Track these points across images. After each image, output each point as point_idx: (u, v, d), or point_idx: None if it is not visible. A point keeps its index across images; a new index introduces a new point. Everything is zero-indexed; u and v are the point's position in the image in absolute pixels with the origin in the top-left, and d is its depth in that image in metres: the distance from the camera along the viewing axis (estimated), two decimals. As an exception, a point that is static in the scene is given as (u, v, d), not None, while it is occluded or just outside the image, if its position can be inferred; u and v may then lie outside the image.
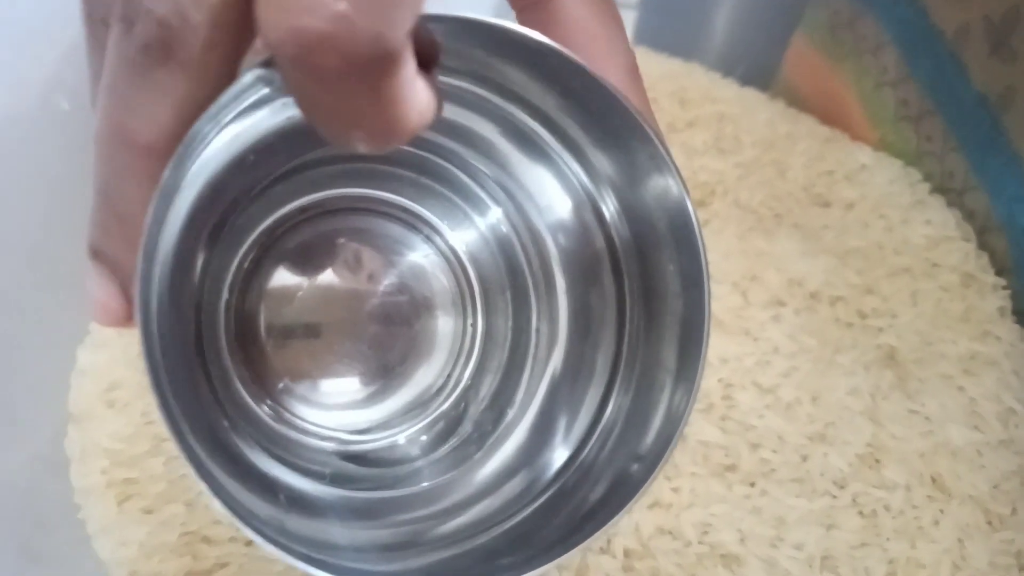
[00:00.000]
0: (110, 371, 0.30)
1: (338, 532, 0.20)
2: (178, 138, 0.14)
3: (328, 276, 0.23)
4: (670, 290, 0.19)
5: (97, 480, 0.27)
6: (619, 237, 0.21)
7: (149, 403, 0.29)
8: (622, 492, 0.18)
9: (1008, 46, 0.33)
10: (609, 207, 0.21)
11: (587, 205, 0.21)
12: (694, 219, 0.18)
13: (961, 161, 0.36)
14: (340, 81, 0.12)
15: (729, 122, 0.41)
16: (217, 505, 0.15)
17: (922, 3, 0.36)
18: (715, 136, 0.40)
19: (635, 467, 0.19)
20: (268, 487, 0.20)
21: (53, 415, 0.28)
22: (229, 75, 0.15)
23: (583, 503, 0.19)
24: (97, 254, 0.16)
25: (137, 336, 0.30)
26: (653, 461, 0.18)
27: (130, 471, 0.27)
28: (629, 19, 0.45)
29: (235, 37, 0.14)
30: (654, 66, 0.44)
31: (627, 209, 0.20)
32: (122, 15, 0.14)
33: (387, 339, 0.23)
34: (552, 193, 0.21)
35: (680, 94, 0.42)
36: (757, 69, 0.44)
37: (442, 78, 0.18)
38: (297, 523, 0.19)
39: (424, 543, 0.20)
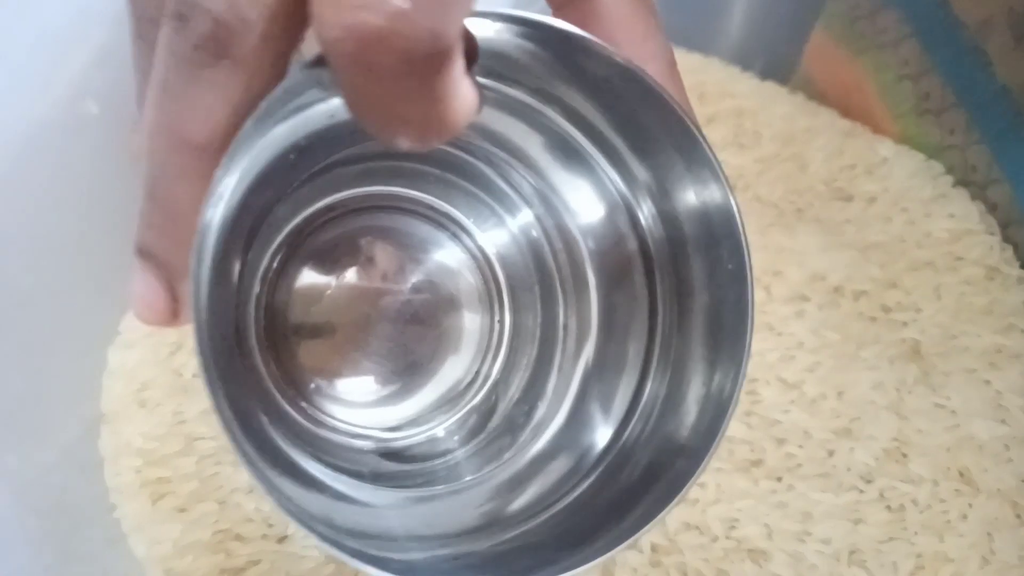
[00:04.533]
0: (140, 371, 0.30)
1: (394, 522, 0.20)
2: (230, 137, 0.14)
3: (355, 274, 0.23)
4: (703, 286, 0.19)
5: (131, 479, 0.27)
6: (653, 240, 0.21)
7: (180, 403, 0.29)
8: (665, 481, 0.18)
9: (1032, 37, 0.33)
10: (644, 213, 0.21)
11: (622, 211, 0.21)
12: (737, 214, 0.18)
13: (984, 154, 0.36)
14: (394, 78, 0.12)
15: (748, 116, 0.41)
16: (271, 504, 0.15)
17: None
18: (734, 131, 0.40)
19: (679, 461, 0.19)
20: (312, 483, 0.20)
21: (86, 415, 0.29)
22: (281, 71, 0.15)
23: (626, 487, 0.20)
24: (145, 253, 0.16)
25: (167, 337, 0.30)
26: (696, 455, 0.18)
27: (163, 470, 0.28)
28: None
29: (288, 33, 0.14)
30: (672, 61, 0.43)
31: (662, 212, 0.20)
32: (175, 12, 0.14)
33: (414, 336, 0.23)
34: (587, 199, 0.21)
35: (699, 89, 0.42)
36: (776, 63, 0.43)
37: (483, 81, 0.18)
38: (348, 516, 0.19)
39: (479, 529, 0.20)
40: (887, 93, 0.40)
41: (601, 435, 0.21)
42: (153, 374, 0.30)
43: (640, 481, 0.19)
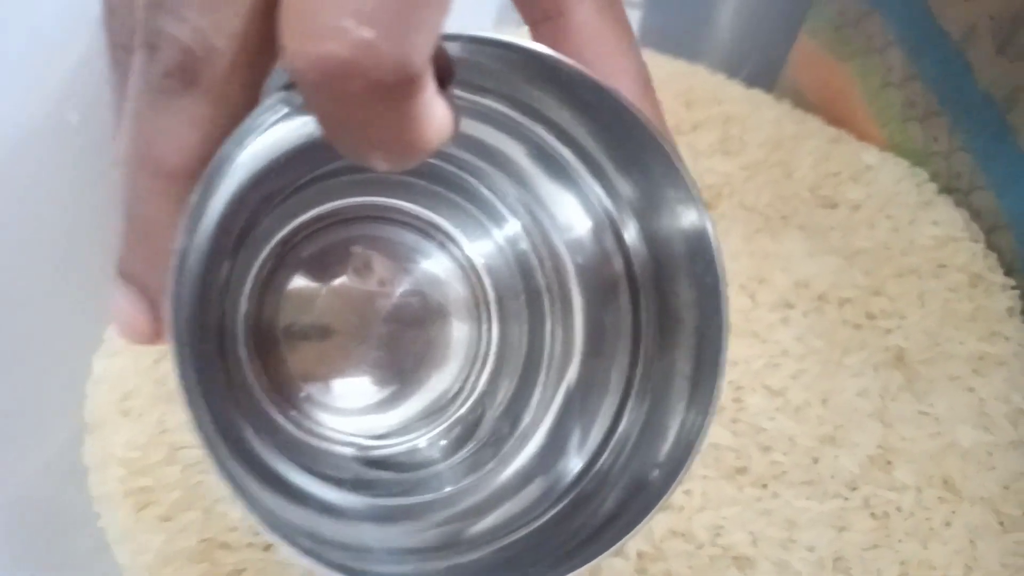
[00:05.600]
0: (124, 380, 0.30)
1: (371, 535, 0.20)
2: (204, 161, 0.15)
3: (343, 283, 0.23)
4: (686, 305, 0.19)
5: (115, 488, 0.27)
6: (637, 259, 0.21)
7: (164, 411, 0.29)
8: (641, 498, 0.18)
9: (1015, 45, 0.33)
10: (630, 231, 0.21)
11: (607, 228, 0.21)
12: (711, 236, 0.18)
13: (968, 161, 0.36)
14: (362, 104, 0.13)
15: (735, 123, 0.41)
16: (254, 519, 0.15)
17: (928, 3, 0.36)
18: (721, 137, 0.40)
19: (655, 474, 0.19)
20: (296, 495, 0.20)
21: (70, 424, 0.29)
22: (252, 97, 0.15)
23: (600, 509, 0.20)
24: (125, 275, 0.16)
25: (152, 348, 0.30)
26: (673, 468, 0.18)
27: (146, 479, 0.27)
28: (633, 19, 0.45)
29: (257, 61, 0.14)
30: (659, 67, 0.43)
31: (647, 231, 0.20)
32: (145, 41, 0.14)
33: (402, 345, 0.23)
34: (573, 214, 0.21)
35: (685, 95, 0.42)
36: (762, 69, 0.44)
37: (468, 95, 0.18)
38: (330, 528, 0.19)
39: (450, 546, 0.20)
40: (872, 100, 0.40)
41: (576, 461, 0.21)
42: (137, 383, 0.30)
43: (615, 505, 0.19)
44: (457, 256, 0.24)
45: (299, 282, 0.23)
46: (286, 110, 0.15)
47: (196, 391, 0.15)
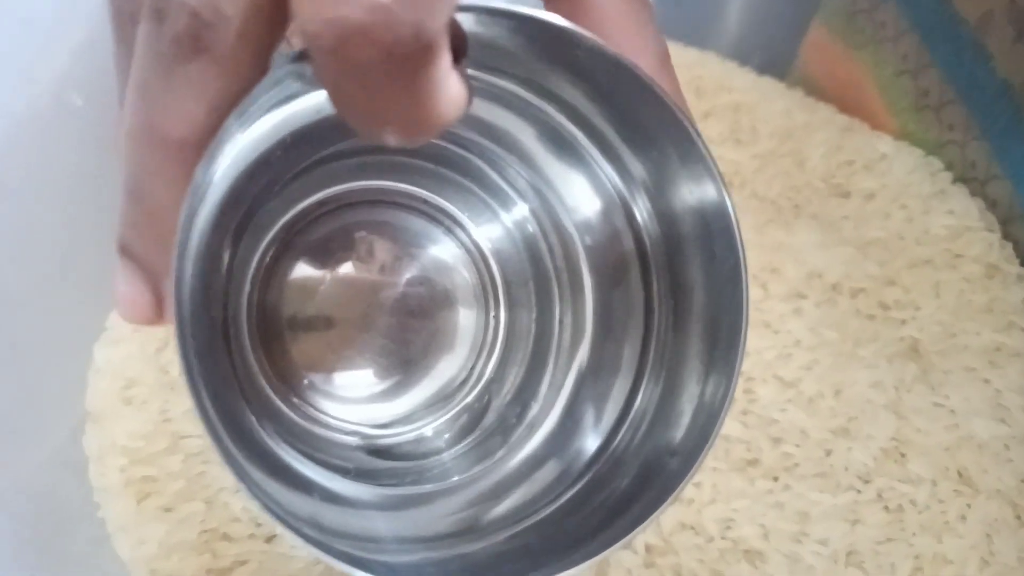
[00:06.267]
0: (126, 368, 0.29)
1: (379, 524, 0.20)
2: (211, 133, 0.14)
3: (348, 269, 0.23)
4: (700, 282, 0.19)
5: (116, 479, 0.27)
6: (649, 238, 0.20)
7: (166, 400, 0.29)
8: (657, 485, 0.18)
9: (1033, 32, 0.32)
10: (641, 210, 0.20)
11: (619, 207, 0.21)
12: (731, 212, 0.18)
13: (984, 150, 0.36)
14: (376, 73, 0.12)
15: (746, 112, 0.40)
16: (258, 508, 0.14)
17: (943, -11, 0.36)
18: (731, 127, 0.40)
19: (672, 461, 0.18)
20: (300, 483, 0.20)
21: (71, 413, 0.28)
22: (261, 68, 0.14)
23: (615, 493, 0.19)
24: (126, 252, 0.16)
25: (154, 333, 0.30)
26: (690, 455, 0.18)
27: (148, 469, 0.27)
28: (643, 8, 0.44)
29: (268, 29, 0.14)
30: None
31: (659, 209, 0.20)
32: (153, 9, 0.14)
33: (408, 332, 0.23)
34: (583, 194, 0.21)
35: (696, 84, 0.41)
36: (774, 58, 0.43)
37: (476, 73, 0.18)
38: (336, 517, 0.19)
39: (465, 533, 0.20)
40: (886, 89, 0.39)
41: (592, 440, 0.21)
42: (139, 371, 0.29)
43: (630, 487, 0.19)
44: (464, 241, 0.23)
45: (303, 268, 0.22)
46: (295, 84, 0.15)
47: (199, 376, 0.14)
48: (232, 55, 0.14)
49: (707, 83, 0.41)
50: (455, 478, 0.21)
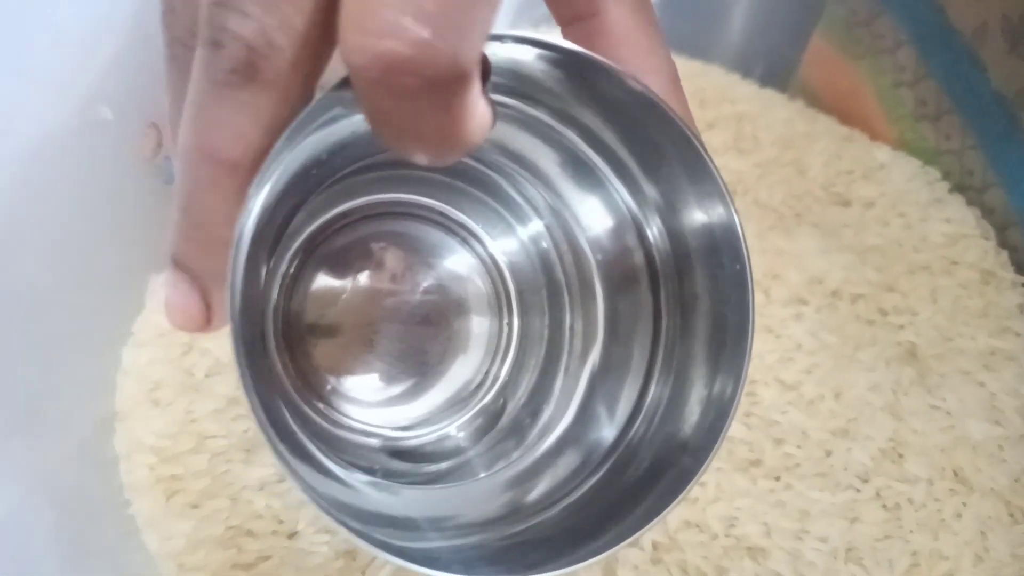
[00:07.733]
0: (152, 371, 0.30)
1: (417, 509, 0.21)
2: (262, 153, 0.15)
3: (367, 278, 0.24)
4: (707, 292, 0.20)
5: (145, 476, 0.28)
6: (659, 253, 0.21)
7: (191, 401, 0.30)
8: (669, 479, 0.19)
9: (1027, 45, 0.33)
10: (652, 229, 0.21)
11: (631, 226, 0.22)
12: (739, 229, 0.19)
13: (980, 159, 0.37)
14: (415, 99, 0.13)
15: (748, 122, 0.41)
16: (304, 498, 0.15)
17: (940, 2, 0.37)
18: (734, 136, 0.41)
19: (684, 459, 0.19)
20: (332, 475, 0.20)
21: (100, 413, 0.29)
22: (308, 93, 0.15)
23: (631, 483, 0.20)
24: (179, 264, 0.17)
25: (178, 338, 0.31)
26: (700, 452, 0.19)
27: (175, 467, 0.28)
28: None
29: (315, 58, 0.15)
30: (674, 67, 0.44)
31: (669, 227, 0.21)
32: (210, 38, 0.15)
33: (425, 338, 0.24)
34: (597, 214, 0.22)
35: (699, 95, 0.42)
36: (776, 69, 0.44)
37: (500, 97, 0.19)
38: (371, 502, 0.20)
39: (497, 520, 0.21)
40: (884, 99, 0.40)
41: (607, 434, 0.22)
42: (165, 373, 0.30)
43: (645, 478, 0.20)
44: (479, 252, 0.24)
45: (325, 277, 0.23)
46: (337, 109, 0.16)
47: (249, 378, 0.15)
48: (283, 83, 0.15)
49: (711, 94, 0.42)
50: (481, 475, 0.22)
